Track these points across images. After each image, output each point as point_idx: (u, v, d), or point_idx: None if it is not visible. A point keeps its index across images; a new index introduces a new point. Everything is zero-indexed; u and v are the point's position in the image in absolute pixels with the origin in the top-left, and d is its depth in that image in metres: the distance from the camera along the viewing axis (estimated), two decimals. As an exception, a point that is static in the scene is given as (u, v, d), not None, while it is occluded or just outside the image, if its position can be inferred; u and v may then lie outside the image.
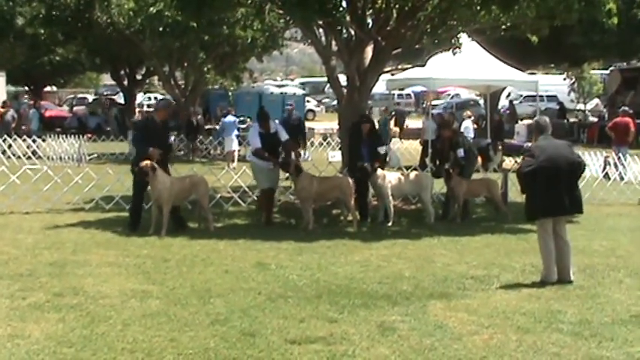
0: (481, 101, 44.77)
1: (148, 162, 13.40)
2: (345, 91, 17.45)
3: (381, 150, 15.83)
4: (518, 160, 25.43)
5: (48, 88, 64.19)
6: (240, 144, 27.65)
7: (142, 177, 13.45)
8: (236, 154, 27.03)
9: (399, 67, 20.55)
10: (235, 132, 28.00)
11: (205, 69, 31.70)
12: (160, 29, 27.39)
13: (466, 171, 15.97)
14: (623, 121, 24.67)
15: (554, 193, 10.06)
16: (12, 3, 36.96)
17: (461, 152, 15.68)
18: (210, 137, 31.74)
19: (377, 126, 18.92)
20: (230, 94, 39.91)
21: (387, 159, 19.43)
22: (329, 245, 12.60)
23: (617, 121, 24.99)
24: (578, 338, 7.82)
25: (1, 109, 31.57)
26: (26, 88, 58.17)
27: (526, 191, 10.31)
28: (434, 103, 47.01)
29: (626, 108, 26.03)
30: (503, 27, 17.37)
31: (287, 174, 15.18)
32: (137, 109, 50.59)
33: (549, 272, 10.14)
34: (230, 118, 28.32)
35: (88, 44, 37.08)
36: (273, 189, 15.35)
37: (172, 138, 31.19)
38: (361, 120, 15.89)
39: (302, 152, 19.74)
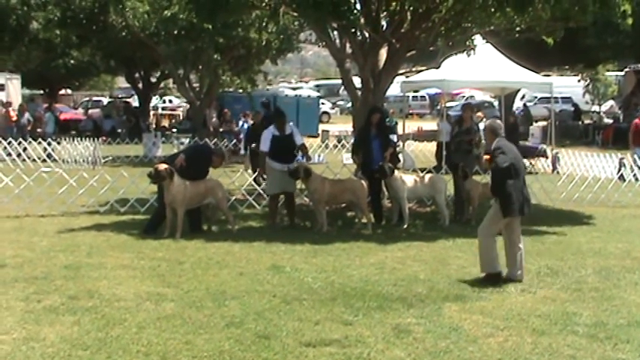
0: (496, 103, 44.65)
1: (165, 166, 13.43)
2: (359, 93, 17.44)
3: (393, 137, 15.63)
4: (532, 162, 25.63)
5: (63, 91, 64.53)
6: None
7: (158, 180, 13.49)
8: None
9: (414, 69, 20.56)
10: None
11: (220, 71, 31.71)
12: (175, 32, 27.50)
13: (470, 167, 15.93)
14: (635, 123, 24.75)
15: (522, 191, 10.18)
16: (27, 8, 37.18)
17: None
18: (225, 140, 31.70)
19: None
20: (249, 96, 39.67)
21: (401, 161, 19.37)
22: (344, 247, 12.59)
23: (636, 123, 25.04)
24: (594, 340, 7.80)
25: (11, 112, 31.52)
26: (41, 91, 58.47)
27: (503, 188, 10.09)
28: (448, 105, 46.86)
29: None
30: (518, 29, 17.36)
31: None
32: (152, 112, 50.80)
33: (519, 269, 10.34)
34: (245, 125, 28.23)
35: (102, 47, 37.28)
36: (290, 192, 15.04)
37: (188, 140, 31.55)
38: (371, 110, 15.70)
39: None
